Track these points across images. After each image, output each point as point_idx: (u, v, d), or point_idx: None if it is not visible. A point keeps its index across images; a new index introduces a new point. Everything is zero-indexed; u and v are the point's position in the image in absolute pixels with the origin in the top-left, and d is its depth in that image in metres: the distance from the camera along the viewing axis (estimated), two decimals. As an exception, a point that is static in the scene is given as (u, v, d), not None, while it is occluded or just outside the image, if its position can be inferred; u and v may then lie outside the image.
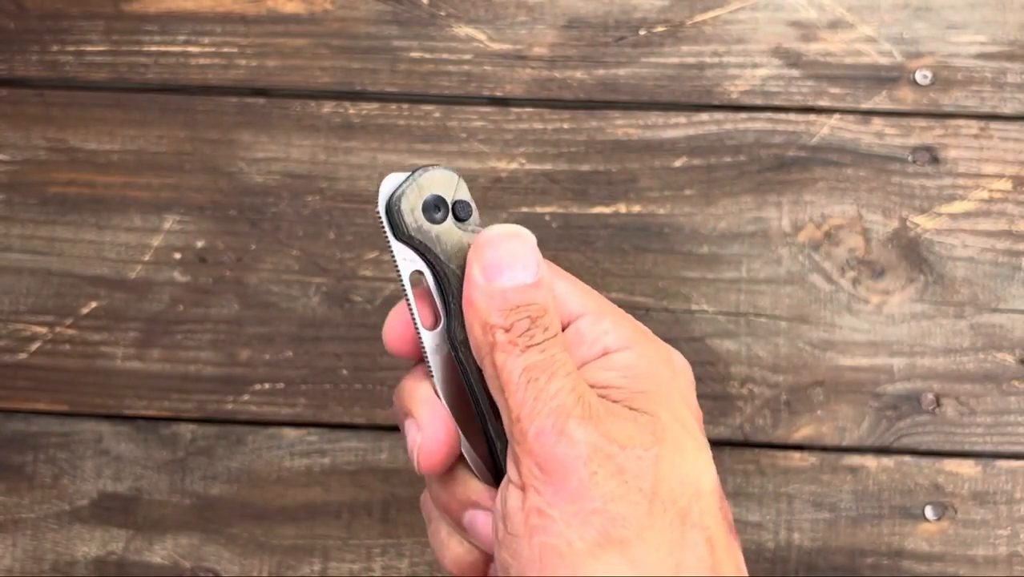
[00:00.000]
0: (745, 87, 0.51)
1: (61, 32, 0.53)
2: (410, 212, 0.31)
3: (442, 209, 0.32)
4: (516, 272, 0.31)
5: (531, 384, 0.30)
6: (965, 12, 0.52)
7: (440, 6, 0.52)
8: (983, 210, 0.51)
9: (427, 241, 0.32)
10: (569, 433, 0.29)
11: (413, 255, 0.32)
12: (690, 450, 0.30)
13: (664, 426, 0.30)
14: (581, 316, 0.33)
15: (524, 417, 0.29)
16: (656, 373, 0.32)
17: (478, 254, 0.31)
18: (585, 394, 0.30)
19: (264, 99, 0.52)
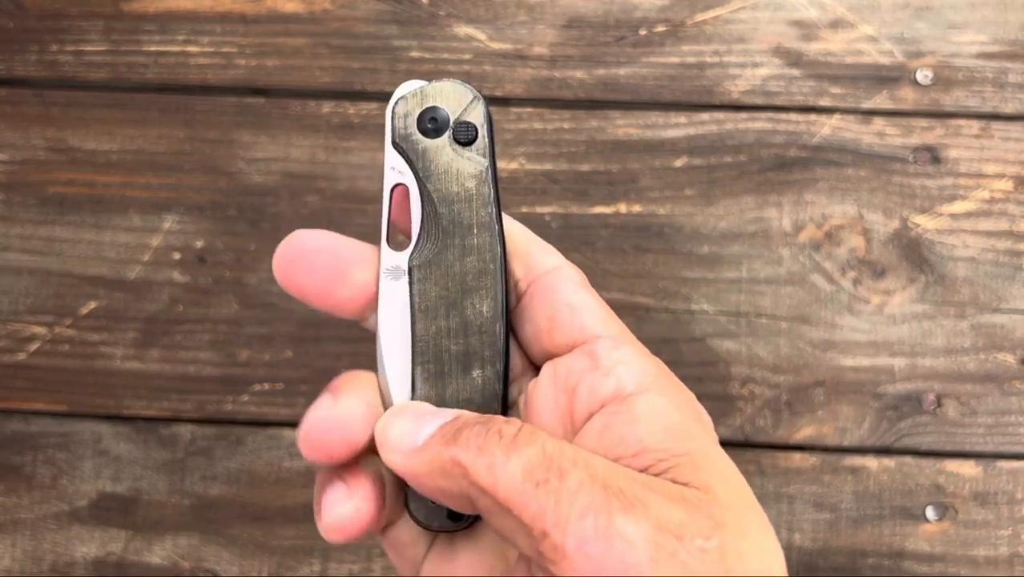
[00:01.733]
0: (746, 87, 0.51)
1: (60, 32, 0.52)
2: (403, 117, 0.29)
3: (438, 124, 0.29)
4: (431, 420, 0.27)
5: (542, 488, 0.24)
6: (966, 12, 0.52)
7: (440, 6, 0.52)
8: (984, 210, 0.51)
9: (410, 152, 0.29)
10: (619, 531, 0.23)
11: (404, 166, 0.29)
12: (756, 532, 0.25)
13: (722, 505, 0.25)
14: (598, 338, 0.28)
15: (552, 529, 0.23)
16: (688, 425, 0.27)
17: (384, 440, 0.27)
18: (611, 480, 0.24)
19: (263, 99, 0.52)
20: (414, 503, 0.29)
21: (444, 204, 0.29)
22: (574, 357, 0.29)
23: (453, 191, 0.29)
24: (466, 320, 0.29)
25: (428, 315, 0.29)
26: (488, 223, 0.29)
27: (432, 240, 0.29)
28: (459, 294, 0.29)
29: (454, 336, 0.29)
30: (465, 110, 0.29)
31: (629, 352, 0.28)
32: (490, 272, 0.29)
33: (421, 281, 0.29)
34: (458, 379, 0.29)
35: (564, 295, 0.29)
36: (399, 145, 0.29)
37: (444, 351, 0.29)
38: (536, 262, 0.30)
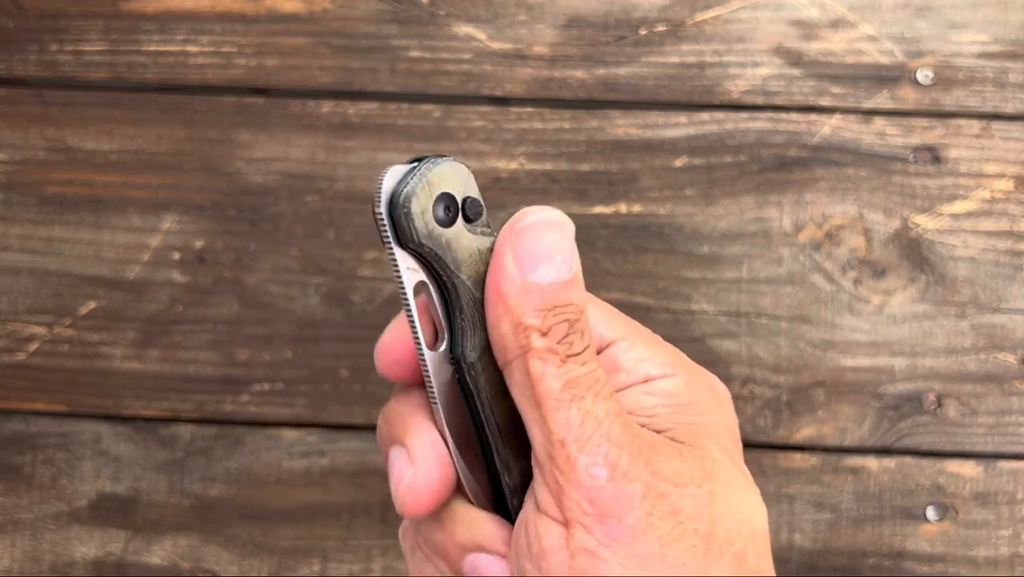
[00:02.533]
0: (746, 86, 0.51)
1: (60, 31, 0.52)
2: (420, 215, 0.27)
3: (452, 210, 0.27)
4: (555, 266, 0.27)
5: (576, 403, 0.26)
6: (966, 11, 0.52)
7: (440, 5, 0.52)
8: (985, 210, 0.51)
9: (437, 249, 0.27)
10: (624, 469, 0.26)
11: (415, 264, 0.27)
12: (742, 488, 0.28)
13: (714, 461, 0.28)
14: (614, 342, 0.30)
15: (571, 442, 0.26)
16: (702, 403, 0.29)
17: (514, 241, 0.27)
18: (630, 423, 0.27)
19: (263, 98, 0.52)
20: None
21: (479, 288, 0.28)
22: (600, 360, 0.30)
23: (482, 272, 0.28)
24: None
25: (497, 400, 0.28)
26: None
27: (465, 330, 0.28)
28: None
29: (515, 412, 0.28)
30: (465, 187, 0.28)
31: (644, 349, 0.30)
32: None
33: (472, 371, 0.28)
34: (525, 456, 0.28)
35: None
36: (424, 245, 0.27)
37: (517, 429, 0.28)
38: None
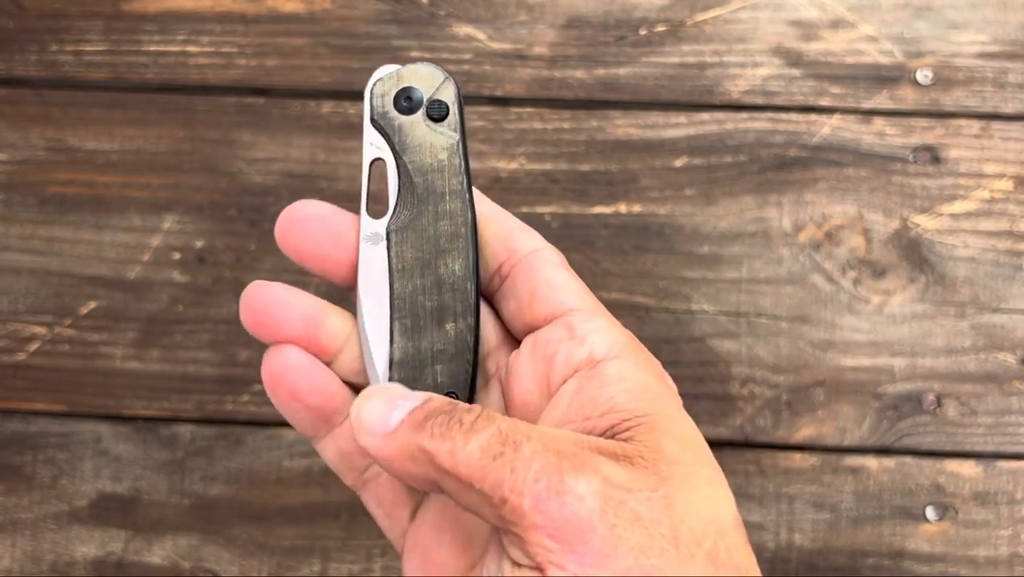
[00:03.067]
0: (746, 87, 0.51)
1: (60, 32, 0.52)
2: (380, 97, 0.32)
3: (413, 102, 0.32)
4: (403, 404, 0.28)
5: (499, 460, 0.26)
6: (966, 12, 0.52)
7: (440, 5, 0.52)
8: (984, 210, 0.51)
9: (388, 128, 0.32)
10: (570, 488, 0.26)
11: (381, 142, 0.32)
12: (703, 483, 0.27)
13: (669, 462, 0.27)
14: (574, 311, 0.31)
15: (510, 494, 0.26)
16: (655, 388, 0.29)
17: (358, 420, 0.28)
18: (562, 446, 0.27)
19: (263, 99, 0.52)
20: None
21: (419, 174, 0.32)
22: (552, 328, 0.31)
23: (427, 162, 0.32)
24: (440, 278, 0.32)
25: (405, 275, 0.31)
26: (459, 191, 0.32)
27: (408, 207, 0.32)
28: (433, 255, 0.32)
29: (429, 293, 0.32)
30: (437, 90, 0.32)
31: (602, 323, 0.30)
32: (461, 235, 0.32)
33: (398, 244, 0.32)
34: (432, 332, 0.31)
35: (544, 273, 0.32)
36: (377, 122, 0.32)
37: (420, 307, 0.31)
38: (519, 245, 0.33)
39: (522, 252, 0.32)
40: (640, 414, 0.28)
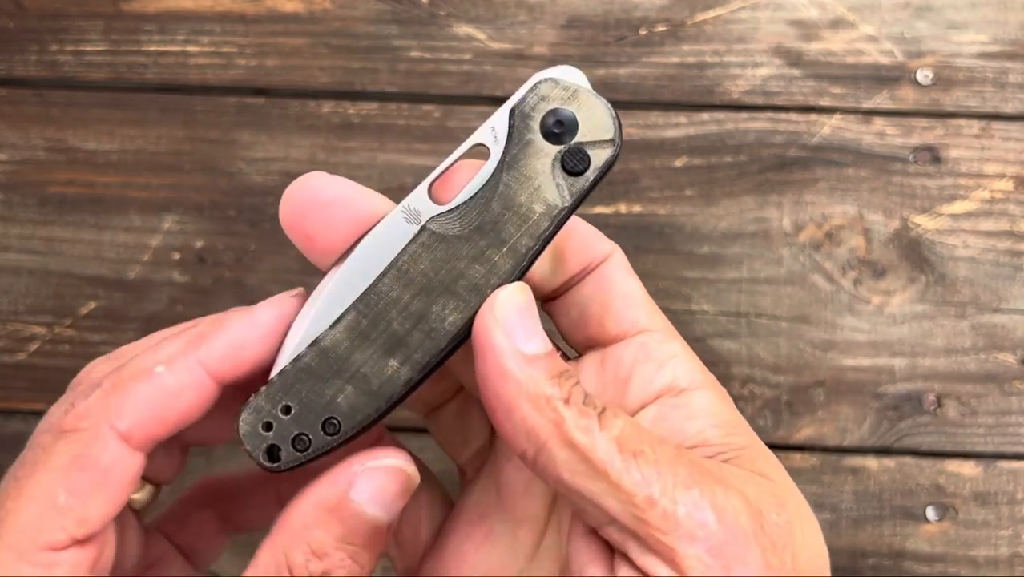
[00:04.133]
0: (746, 86, 0.51)
1: (60, 32, 0.52)
2: (539, 98, 0.28)
3: (561, 133, 0.27)
4: (542, 337, 0.26)
5: (640, 459, 0.24)
6: (966, 12, 0.52)
7: (440, 5, 0.52)
8: (985, 210, 0.51)
9: (518, 130, 0.28)
10: (725, 504, 0.24)
11: (503, 136, 0.28)
12: (808, 516, 0.26)
13: (783, 488, 0.26)
14: (648, 332, 0.28)
15: (662, 497, 0.23)
16: (741, 424, 0.27)
17: (502, 318, 0.26)
18: (695, 458, 0.25)
19: (263, 99, 0.52)
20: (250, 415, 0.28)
21: (501, 202, 0.28)
22: (625, 348, 0.29)
23: (519, 200, 0.27)
24: (426, 314, 0.28)
25: (400, 280, 0.28)
26: (521, 253, 0.27)
27: (463, 221, 0.28)
28: (441, 288, 0.28)
29: (404, 317, 0.28)
30: (594, 143, 0.27)
31: (678, 348, 0.29)
32: (481, 295, 0.27)
33: (422, 247, 0.28)
34: (374, 353, 0.28)
35: (619, 286, 0.29)
36: (515, 115, 0.28)
37: (385, 320, 0.28)
38: (592, 246, 0.30)
39: (596, 256, 0.30)
40: (736, 448, 0.27)
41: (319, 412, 0.28)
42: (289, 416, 0.28)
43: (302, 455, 0.28)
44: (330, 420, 0.28)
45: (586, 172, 0.27)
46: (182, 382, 0.27)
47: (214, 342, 0.28)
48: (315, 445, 0.28)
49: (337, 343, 0.28)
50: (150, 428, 0.27)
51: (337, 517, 0.26)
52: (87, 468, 0.26)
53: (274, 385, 0.28)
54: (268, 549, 0.27)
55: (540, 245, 0.27)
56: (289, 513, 0.27)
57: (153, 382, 0.27)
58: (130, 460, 0.27)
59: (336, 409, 0.28)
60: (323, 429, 0.28)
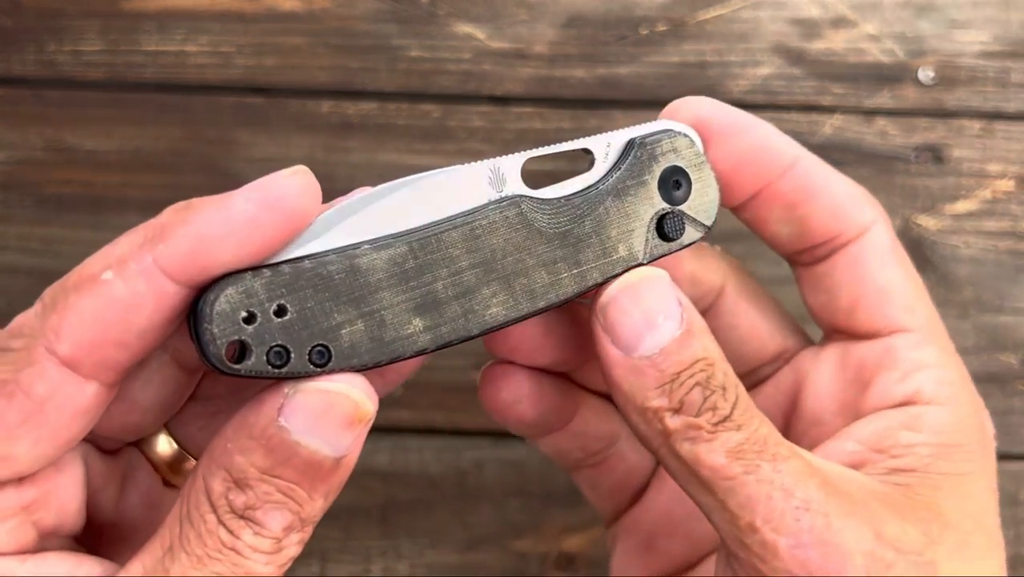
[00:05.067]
0: (747, 86, 0.51)
1: (58, 31, 0.52)
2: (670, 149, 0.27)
3: (676, 195, 0.27)
4: (658, 329, 0.23)
5: (752, 475, 0.22)
6: (968, 11, 0.51)
7: (439, 4, 0.52)
8: (987, 210, 0.51)
9: (625, 165, 0.27)
10: (838, 540, 0.22)
11: (616, 155, 0.27)
12: (976, 554, 0.24)
13: (944, 525, 0.24)
14: (901, 331, 0.26)
15: (764, 525, 0.22)
16: (968, 448, 0.25)
17: (604, 321, 0.24)
18: (834, 478, 0.23)
19: (262, 98, 0.52)
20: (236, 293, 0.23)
21: (594, 222, 0.26)
22: (871, 348, 0.26)
23: (610, 231, 0.26)
24: (474, 291, 0.25)
25: (468, 241, 0.25)
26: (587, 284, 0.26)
27: (554, 220, 0.26)
28: (501, 272, 0.25)
29: (453, 282, 0.25)
30: (694, 220, 0.27)
31: (931, 355, 0.25)
32: (533, 301, 0.25)
33: (505, 221, 0.25)
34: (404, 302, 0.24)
35: (874, 275, 0.26)
36: (638, 149, 0.27)
37: (432, 273, 0.25)
38: (843, 216, 0.27)
39: (851, 231, 0.27)
40: (941, 473, 0.25)
41: (315, 332, 0.23)
42: (280, 319, 0.23)
43: (273, 371, 0.23)
44: (322, 348, 0.24)
45: (672, 243, 0.27)
46: (135, 290, 0.22)
47: (176, 237, 0.22)
48: (292, 367, 0.23)
49: (373, 268, 0.24)
50: (101, 351, 0.22)
51: (263, 445, 0.22)
52: (14, 397, 0.22)
53: (281, 275, 0.23)
54: (192, 473, 0.23)
55: (603, 283, 0.26)
56: (216, 436, 0.23)
57: (99, 292, 0.22)
58: (75, 391, 0.22)
59: (335, 339, 0.24)
60: (309, 353, 0.23)
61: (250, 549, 0.22)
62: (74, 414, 0.22)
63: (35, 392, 0.22)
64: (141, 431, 0.27)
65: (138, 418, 0.26)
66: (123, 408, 0.26)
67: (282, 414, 0.22)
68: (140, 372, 0.26)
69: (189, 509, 0.22)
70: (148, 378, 0.26)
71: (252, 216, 0.23)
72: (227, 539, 0.21)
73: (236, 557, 0.22)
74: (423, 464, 0.49)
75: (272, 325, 0.23)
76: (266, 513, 0.22)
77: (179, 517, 0.22)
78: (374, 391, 0.24)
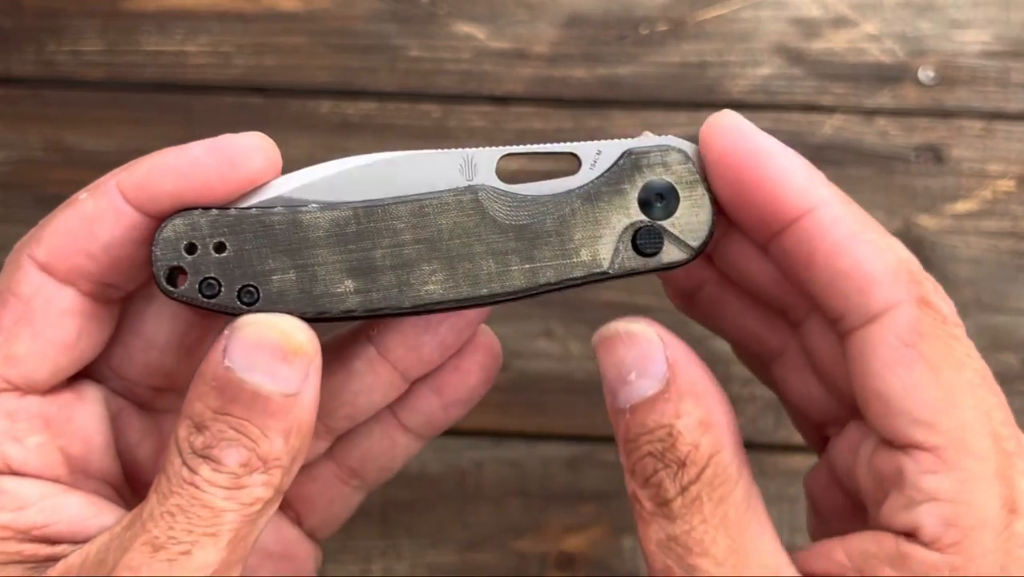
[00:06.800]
0: (747, 86, 0.51)
1: (58, 31, 0.52)
2: (659, 159, 0.26)
3: (656, 207, 0.26)
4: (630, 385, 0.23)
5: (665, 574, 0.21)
6: (969, 10, 0.51)
7: (439, 4, 0.52)
8: (987, 210, 0.51)
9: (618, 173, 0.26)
10: None
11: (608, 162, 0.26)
12: None
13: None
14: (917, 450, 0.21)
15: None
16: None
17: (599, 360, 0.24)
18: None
19: (262, 98, 0.52)
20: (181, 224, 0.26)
21: (557, 222, 0.26)
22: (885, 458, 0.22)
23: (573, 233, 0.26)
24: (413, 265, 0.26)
25: (415, 217, 0.26)
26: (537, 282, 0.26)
27: (512, 213, 0.26)
28: (445, 253, 0.26)
29: (392, 253, 0.25)
30: (677, 239, 0.26)
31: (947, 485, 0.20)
32: (476, 287, 0.25)
33: (458, 204, 0.26)
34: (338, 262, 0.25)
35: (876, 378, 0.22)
36: (626, 159, 0.26)
37: (372, 240, 0.25)
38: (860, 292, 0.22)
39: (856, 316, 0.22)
40: None
41: (247, 273, 0.25)
42: (218, 255, 0.25)
43: (202, 300, 0.25)
44: (251, 288, 0.25)
45: (649, 259, 0.26)
46: (99, 207, 0.25)
47: (135, 166, 0.26)
48: (220, 300, 0.25)
49: (314, 225, 0.25)
50: (70, 257, 0.25)
51: (215, 387, 0.24)
52: (8, 304, 0.25)
53: (226, 216, 0.25)
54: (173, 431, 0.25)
55: (559, 288, 0.26)
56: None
57: (74, 209, 0.25)
58: (54, 293, 0.25)
59: (265, 283, 0.25)
60: (239, 292, 0.25)
61: (207, 483, 0.23)
62: (59, 314, 0.25)
63: (21, 292, 0.25)
64: (167, 375, 0.29)
65: (158, 357, 0.28)
66: (140, 345, 0.28)
67: (226, 355, 0.24)
68: (147, 308, 0.28)
69: (164, 460, 0.25)
70: (157, 312, 0.28)
71: (197, 156, 0.25)
72: (187, 476, 0.24)
73: (194, 491, 0.23)
74: (423, 464, 0.49)
75: (210, 259, 0.25)
76: (222, 450, 0.24)
77: (159, 469, 0.25)
78: (311, 330, 0.25)
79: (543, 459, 0.48)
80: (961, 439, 0.21)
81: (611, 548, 0.47)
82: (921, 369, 0.21)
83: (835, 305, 0.23)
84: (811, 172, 0.24)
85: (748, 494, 0.22)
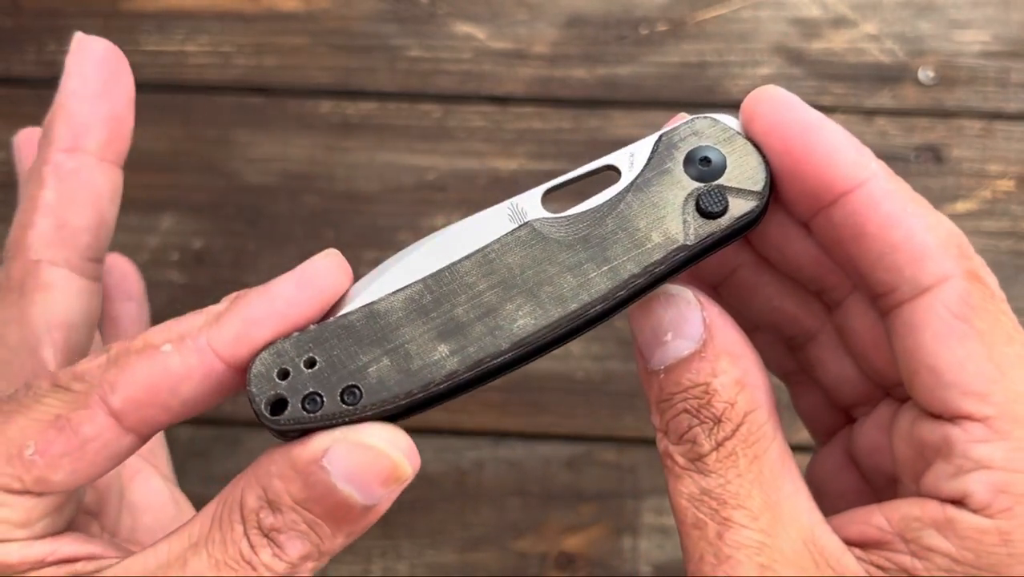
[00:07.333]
0: (747, 86, 0.51)
1: (58, 31, 0.52)
2: (691, 134, 0.26)
3: (707, 171, 0.26)
4: (665, 346, 0.23)
5: (699, 532, 0.21)
6: (968, 10, 0.51)
7: (439, 4, 0.52)
8: (987, 210, 0.51)
9: (658, 158, 0.26)
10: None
11: (641, 161, 0.26)
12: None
13: None
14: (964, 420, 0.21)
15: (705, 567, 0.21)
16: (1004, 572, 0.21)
17: (633, 323, 0.24)
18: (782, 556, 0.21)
19: (262, 98, 0.52)
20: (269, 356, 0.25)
21: (617, 220, 0.26)
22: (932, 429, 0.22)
23: (637, 225, 0.26)
24: (496, 310, 0.25)
25: (483, 266, 0.26)
26: (621, 278, 0.25)
27: (571, 229, 0.26)
28: (524, 289, 0.25)
29: (472, 307, 0.25)
30: (739, 191, 0.25)
31: (999, 453, 0.21)
32: (565, 305, 0.25)
33: (517, 240, 0.26)
34: (425, 333, 0.25)
35: (927, 350, 0.22)
36: (660, 144, 0.26)
37: (450, 301, 0.25)
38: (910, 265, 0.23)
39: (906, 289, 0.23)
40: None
41: (344, 375, 0.25)
42: (311, 370, 0.25)
43: (309, 416, 0.25)
44: (352, 388, 0.25)
45: (720, 217, 0.25)
46: (188, 365, 0.25)
47: (227, 321, 0.25)
48: (326, 410, 0.25)
49: (391, 310, 0.25)
50: (146, 411, 0.25)
51: (303, 478, 0.23)
52: (64, 432, 0.24)
53: (307, 334, 0.25)
54: (234, 481, 0.25)
55: (646, 279, 0.25)
56: (264, 455, 0.25)
57: (156, 361, 0.25)
58: (113, 438, 0.25)
59: (363, 378, 0.25)
60: (341, 395, 0.25)
61: (264, 567, 0.23)
62: (108, 457, 0.25)
63: (82, 431, 0.24)
64: None
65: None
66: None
67: (327, 456, 0.23)
68: None
69: (222, 514, 0.24)
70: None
71: (290, 297, 0.25)
72: (247, 552, 0.23)
73: (249, 570, 0.23)
74: (423, 464, 0.49)
75: (303, 376, 0.25)
76: (289, 539, 0.23)
77: (211, 516, 0.24)
78: (416, 452, 0.25)
79: (543, 459, 0.48)
80: (1012, 410, 0.21)
81: (611, 548, 0.47)
82: (973, 342, 0.22)
83: (884, 278, 0.23)
84: (860, 146, 0.24)
85: (783, 454, 0.23)
